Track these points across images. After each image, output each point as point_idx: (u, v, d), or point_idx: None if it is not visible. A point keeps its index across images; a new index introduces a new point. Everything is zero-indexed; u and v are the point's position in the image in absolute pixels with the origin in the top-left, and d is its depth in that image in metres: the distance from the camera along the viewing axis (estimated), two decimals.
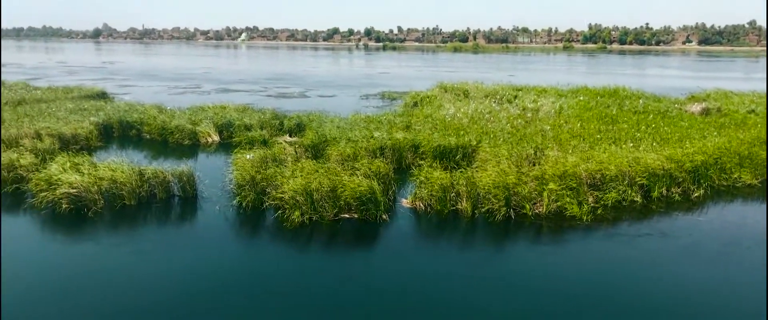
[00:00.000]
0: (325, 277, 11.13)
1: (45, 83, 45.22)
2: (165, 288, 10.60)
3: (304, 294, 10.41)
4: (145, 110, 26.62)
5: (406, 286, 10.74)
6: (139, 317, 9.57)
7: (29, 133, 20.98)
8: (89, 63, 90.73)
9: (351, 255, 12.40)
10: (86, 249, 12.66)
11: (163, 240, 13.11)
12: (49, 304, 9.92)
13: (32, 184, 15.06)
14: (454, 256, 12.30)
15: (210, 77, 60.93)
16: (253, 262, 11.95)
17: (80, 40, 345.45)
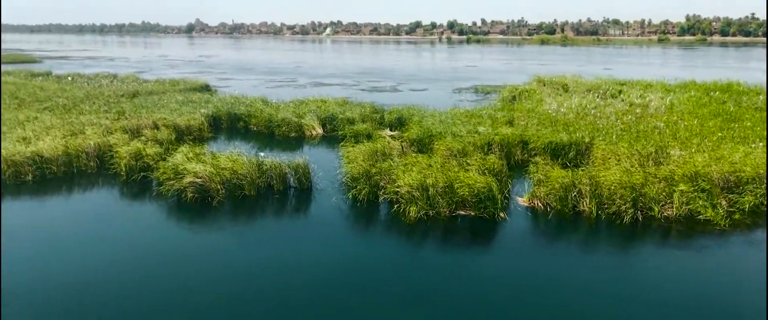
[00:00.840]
0: (441, 275, 10.94)
1: (150, 76, 47.80)
2: (283, 277, 10.81)
3: (419, 291, 10.27)
4: (251, 103, 27.49)
5: (524, 289, 10.34)
6: (258, 304, 9.76)
7: (148, 124, 22.14)
8: (187, 57, 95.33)
9: (468, 254, 12.14)
10: (211, 237, 13.16)
11: (282, 231, 13.39)
12: (177, 286, 10.32)
13: (159, 173, 15.85)
14: (577, 259, 11.78)
15: (302, 71, 62.37)
16: (369, 256, 11.95)
17: (175, 35, 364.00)
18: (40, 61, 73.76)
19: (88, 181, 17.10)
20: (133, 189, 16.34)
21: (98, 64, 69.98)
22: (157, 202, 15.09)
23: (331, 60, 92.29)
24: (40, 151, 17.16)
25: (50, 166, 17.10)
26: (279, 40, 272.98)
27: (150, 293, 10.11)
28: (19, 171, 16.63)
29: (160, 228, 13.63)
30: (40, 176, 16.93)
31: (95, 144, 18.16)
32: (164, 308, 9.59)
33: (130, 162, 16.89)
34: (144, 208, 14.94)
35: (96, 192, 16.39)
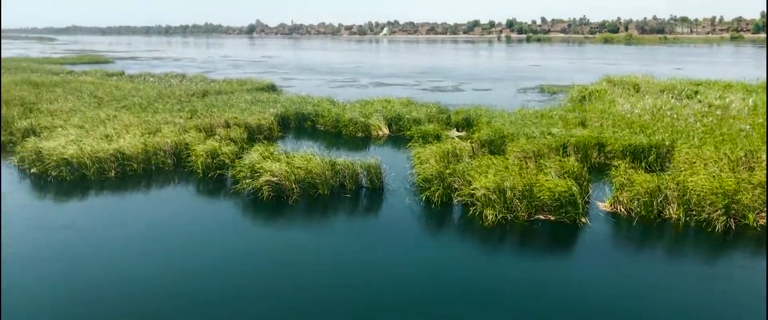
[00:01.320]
0: (521, 280, 10.64)
1: (217, 76, 49.01)
2: (360, 277, 10.77)
3: (497, 296, 10.00)
4: (318, 103, 27.75)
5: (610, 299, 9.88)
6: (335, 303, 9.70)
7: (220, 123, 22.65)
8: (250, 57, 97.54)
9: (548, 260, 11.77)
10: (287, 235, 13.29)
11: (356, 231, 13.37)
12: (255, 282, 10.41)
13: (235, 171, 16.16)
14: (665, 269, 11.20)
15: (362, 71, 62.70)
16: (444, 258, 11.73)
17: (236, 35, 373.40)
18: (112, 61, 77.02)
19: (165, 178, 17.61)
20: (209, 187, 16.71)
21: (165, 64, 72.45)
22: (233, 200, 15.36)
23: (390, 59, 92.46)
24: (121, 148, 17.77)
25: (131, 163, 17.70)
26: (337, 40, 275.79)
27: (230, 288, 10.25)
28: (102, 167, 17.28)
29: (237, 225, 13.86)
30: (121, 172, 17.53)
31: (172, 142, 18.67)
32: (244, 303, 9.69)
33: (206, 161, 17.27)
34: (221, 205, 15.24)
35: (174, 189, 16.86)
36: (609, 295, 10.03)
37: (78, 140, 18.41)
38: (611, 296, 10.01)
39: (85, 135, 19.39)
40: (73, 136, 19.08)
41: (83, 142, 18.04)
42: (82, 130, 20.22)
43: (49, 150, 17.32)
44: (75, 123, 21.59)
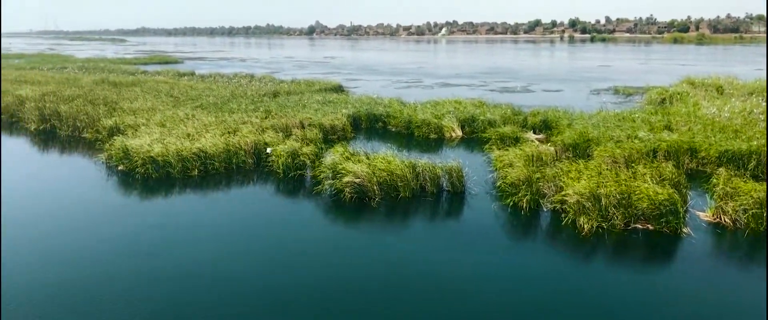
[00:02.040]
0: (619, 292, 10.04)
1: (283, 76, 49.69)
2: (447, 283, 10.42)
3: (594, 308, 9.44)
4: (389, 104, 27.61)
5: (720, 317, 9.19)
6: (419, 309, 9.42)
7: (295, 123, 22.81)
8: (313, 58, 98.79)
9: (649, 272, 11.11)
10: (370, 237, 13.12)
11: (439, 235, 13.02)
12: (339, 283, 10.24)
13: (317, 172, 16.15)
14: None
15: (426, 72, 62.35)
16: (532, 267, 11.23)
17: (297, 36, 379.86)
18: (181, 61, 79.53)
19: (246, 177, 17.80)
20: (289, 187, 16.76)
21: (232, 65, 74.21)
22: (314, 200, 15.34)
23: (452, 60, 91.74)
24: (204, 147, 18.09)
25: (213, 162, 17.98)
26: (395, 40, 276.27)
27: (317, 287, 10.16)
28: (186, 166, 17.62)
29: (320, 225, 13.83)
30: (204, 171, 17.84)
31: (252, 141, 18.87)
32: (328, 304, 9.56)
33: (286, 161, 17.34)
34: (302, 205, 15.23)
35: (255, 188, 17.00)
36: (721, 314, 9.34)
37: (162, 139, 18.87)
38: (723, 314, 9.32)
39: (167, 134, 19.87)
40: (157, 134, 19.58)
41: (167, 141, 18.47)
42: (164, 129, 20.73)
43: (136, 148, 17.81)
44: (157, 122, 22.19)
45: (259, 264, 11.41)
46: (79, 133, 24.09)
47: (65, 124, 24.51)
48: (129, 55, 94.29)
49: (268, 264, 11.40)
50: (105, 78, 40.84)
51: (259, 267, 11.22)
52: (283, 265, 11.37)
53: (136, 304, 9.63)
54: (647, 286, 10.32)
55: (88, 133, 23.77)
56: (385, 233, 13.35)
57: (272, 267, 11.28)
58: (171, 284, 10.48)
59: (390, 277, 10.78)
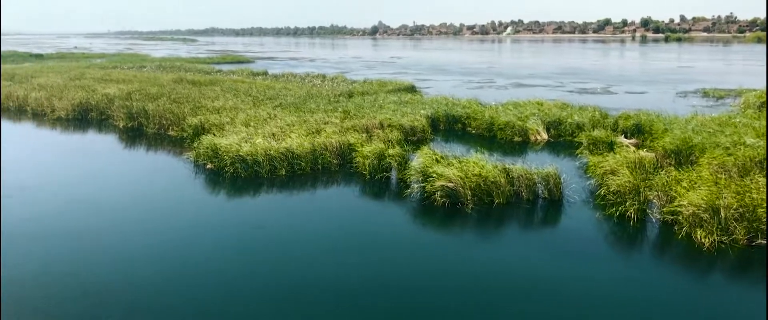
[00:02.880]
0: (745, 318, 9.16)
1: (353, 76, 49.76)
2: (545, 296, 9.78)
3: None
4: (468, 105, 27.00)
5: None
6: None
7: (375, 124, 22.55)
8: (379, 58, 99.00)
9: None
10: (463, 244, 12.64)
11: (539, 245, 12.37)
12: (431, 288, 9.78)
13: (406, 174, 15.81)
14: None
15: (497, 72, 61.20)
16: (643, 283, 10.43)
17: (359, 36, 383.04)
18: (253, 60, 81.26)
19: (332, 178, 17.65)
20: (375, 189, 16.48)
21: (302, 64, 75.21)
22: (402, 203, 14.99)
23: (523, 60, 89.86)
24: (290, 147, 18.07)
25: (299, 162, 17.93)
26: (459, 40, 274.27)
27: (408, 293, 9.76)
28: (273, 165, 17.64)
29: (410, 229, 13.51)
30: (290, 171, 17.81)
31: (336, 142, 18.73)
32: (422, 311, 9.15)
33: (372, 162, 17.08)
34: (391, 208, 14.93)
35: (341, 189, 16.81)
36: None
37: (249, 138, 19.01)
38: None
39: (253, 133, 20.01)
40: (244, 134, 19.74)
41: (254, 141, 18.58)
42: (250, 128, 20.91)
43: (225, 147, 17.98)
44: (241, 121, 22.44)
45: (349, 267, 11.17)
46: (165, 131, 24.70)
47: (152, 122, 25.18)
48: (202, 55, 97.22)
49: (359, 268, 11.14)
50: (183, 77, 41.98)
51: (350, 271, 10.97)
52: (375, 269, 11.09)
53: (228, 300, 9.53)
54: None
55: (173, 130, 24.34)
56: (481, 240, 12.87)
57: (363, 270, 11.01)
58: (261, 282, 10.44)
59: (487, 286, 10.31)
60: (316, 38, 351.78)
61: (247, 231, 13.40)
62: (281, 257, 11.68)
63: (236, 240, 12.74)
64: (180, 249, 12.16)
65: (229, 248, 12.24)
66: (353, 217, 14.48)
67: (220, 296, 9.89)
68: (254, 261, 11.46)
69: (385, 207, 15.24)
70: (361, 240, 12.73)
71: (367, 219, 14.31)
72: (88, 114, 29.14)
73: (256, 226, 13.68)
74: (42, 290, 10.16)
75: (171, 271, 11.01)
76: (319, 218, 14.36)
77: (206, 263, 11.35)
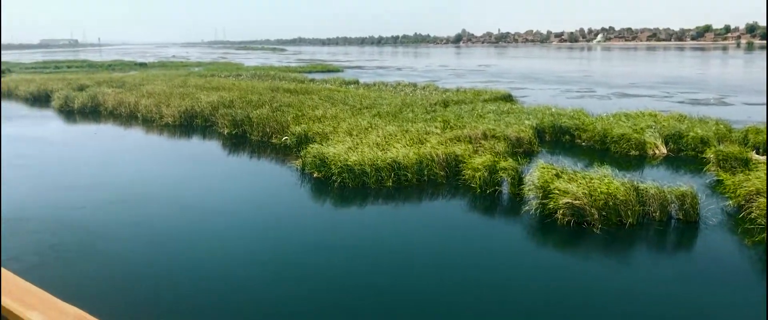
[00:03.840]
0: None
1: (444, 85, 49.06)
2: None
3: None
4: (576, 115, 25.70)
5: None
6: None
7: (478, 134, 21.78)
8: (467, 66, 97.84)
9: None
10: (589, 267, 11.72)
11: (677, 273, 11.21)
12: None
13: (523, 189, 15.01)
14: None
15: (594, 80, 58.66)
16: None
17: (443, 45, 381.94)
18: (341, 69, 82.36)
19: (438, 191, 17.08)
20: (486, 203, 15.75)
21: (390, 73, 75.37)
22: (518, 220, 14.17)
23: (620, 68, 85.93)
24: (396, 158, 17.67)
25: (405, 173, 17.48)
26: (546, 48, 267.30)
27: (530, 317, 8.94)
28: (380, 176, 17.28)
29: (530, 249, 12.76)
30: (396, 182, 17.38)
31: (443, 153, 18.15)
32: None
33: (483, 175, 16.35)
34: (505, 225, 14.22)
35: (449, 202, 16.21)
36: None
37: (355, 147, 18.80)
38: None
39: (359, 142, 19.79)
40: (350, 143, 19.56)
41: (360, 150, 18.34)
42: (354, 138, 20.73)
43: (332, 156, 17.83)
44: (344, 130, 22.34)
45: (463, 286, 10.54)
46: (268, 139, 25.04)
47: (256, 129, 25.63)
48: (292, 64, 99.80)
49: (475, 287, 10.50)
50: (279, 85, 42.87)
51: (464, 290, 10.34)
52: (492, 290, 10.44)
53: (334, 307, 9.14)
54: None
55: (276, 138, 24.63)
56: (615, 264, 11.86)
57: (481, 291, 10.37)
58: (371, 294, 10.05)
59: (622, 315, 9.33)
60: (399, 47, 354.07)
61: (355, 240, 13.17)
62: (391, 270, 11.26)
63: (345, 249, 12.49)
64: (292, 255, 12.10)
65: (338, 256, 12.02)
66: (464, 233, 13.80)
67: (326, 302, 9.55)
68: (363, 273, 11.16)
69: (498, 224, 14.53)
70: (476, 258, 12.06)
71: (480, 236, 13.62)
72: (193, 120, 30.17)
73: (364, 236, 13.39)
74: (159, 292, 10.20)
75: (285, 276, 10.92)
76: (428, 232, 13.85)
77: (316, 269, 11.14)
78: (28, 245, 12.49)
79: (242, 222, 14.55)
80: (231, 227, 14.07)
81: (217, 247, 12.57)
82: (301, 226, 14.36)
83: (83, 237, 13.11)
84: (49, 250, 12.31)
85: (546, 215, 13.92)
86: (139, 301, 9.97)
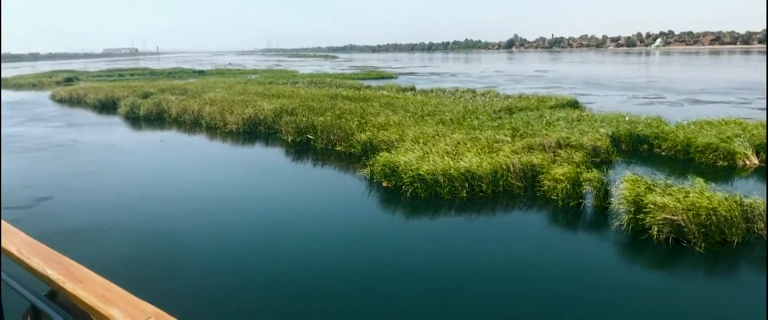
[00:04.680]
0: None
1: (502, 90, 47.91)
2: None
3: None
4: (654, 123, 24.40)
5: None
6: None
7: (551, 143, 20.86)
8: (523, 71, 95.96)
9: None
10: (689, 287, 10.78)
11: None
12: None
13: (606, 202, 14.11)
14: None
15: (661, 86, 56.28)
16: None
17: (495, 50, 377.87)
18: (395, 76, 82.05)
19: (515, 202, 16.29)
20: (568, 217, 14.88)
21: (444, 79, 74.59)
22: (604, 235, 13.29)
23: (686, 73, 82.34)
24: (470, 167, 17.01)
25: (480, 184, 16.80)
26: (601, 53, 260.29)
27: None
28: (453, 186, 16.65)
29: (623, 268, 11.84)
30: (470, 193, 16.71)
31: (519, 163, 17.37)
32: None
33: (565, 186, 15.49)
34: (593, 241, 13.31)
35: (528, 215, 15.38)
36: None
37: (426, 156, 18.24)
38: None
39: (428, 151, 19.23)
40: (419, 151, 19.03)
41: (431, 159, 17.76)
42: (423, 146, 20.19)
43: (404, 165, 17.33)
44: (410, 137, 21.82)
45: (556, 306, 9.77)
46: (332, 146, 24.77)
47: (320, 137, 25.41)
48: (345, 70, 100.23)
49: (570, 309, 9.71)
50: (338, 92, 42.75)
51: (557, 312, 9.58)
52: (590, 312, 9.63)
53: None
54: None
55: (341, 146, 24.33)
56: (725, 288, 10.88)
57: (575, 313, 9.57)
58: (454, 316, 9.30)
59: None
60: (450, 53, 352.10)
61: (430, 255, 12.57)
62: (472, 287, 10.62)
63: (421, 264, 11.94)
64: (365, 268, 11.70)
65: (414, 272, 11.47)
66: (549, 249, 12.98)
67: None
68: (443, 290, 10.58)
69: (585, 240, 13.64)
70: (564, 277, 11.22)
71: (567, 252, 12.77)
72: (256, 128, 30.27)
73: (439, 250, 12.79)
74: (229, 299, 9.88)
75: (361, 289, 10.52)
76: (508, 246, 13.11)
77: (393, 284, 10.68)
78: (119, 253, 12.49)
79: (315, 232, 14.21)
80: (305, 236, 13.77)
81: (294, 258, 12.29)
82: (373, 238, 13.89)
83: (167, 245, 13.05)
84: (137, 260, 12.26)
85: (639, 231, 13.00)
86: (221, 307, 9.75)
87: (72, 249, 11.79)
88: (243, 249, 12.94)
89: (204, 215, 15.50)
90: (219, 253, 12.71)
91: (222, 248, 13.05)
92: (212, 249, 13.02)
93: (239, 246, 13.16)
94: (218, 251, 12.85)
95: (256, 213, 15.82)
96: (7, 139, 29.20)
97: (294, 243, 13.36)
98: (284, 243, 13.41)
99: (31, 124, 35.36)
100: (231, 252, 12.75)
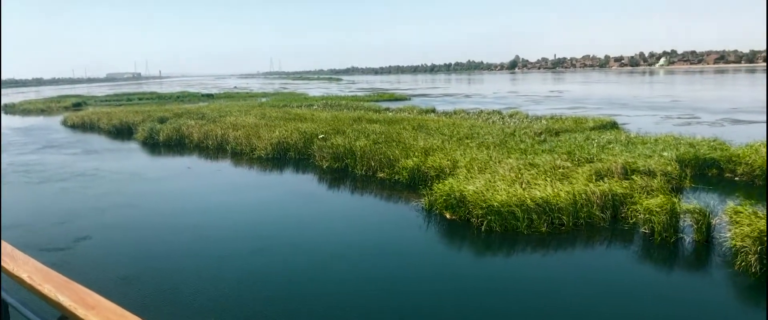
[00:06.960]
0: None
1: (525, 111, 46.43)
2: None
3: None
4: (719, 146, 22.89)
5: None
6: None
7: (617, 169, 19.31)
8: (539, 92, 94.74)
9: None
10: None
11: None
12: None
13: (733, 240, 12.54)
14: None
15: (688, 105, 54.90)
16: None
17: (497, 71, 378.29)
18: (408, 97, 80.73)
19: (601, 237, 14.70)
20: (664, 253, 13.29)
21: (459, 101, 73.32)
22: (722, 277, 11.71)
23: (708, 92, 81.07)
24: (547, 197, 15.42)
25: (559, 216, 15.20)
26: (605, 72, 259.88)
27: None
28: (530, 218, 15.03)
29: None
30: (550, 226, 15.09)
31: (601, 192, 15.79)
32: None
33: (661, 218, 13.90)
34: (704, 285, 11.76)
35: (621, 252, 13.75)
36: None
37: (493, 185, 16.68)
38: None
39: (490, 179, 17.67)
40: (481, 179, 17.47)
41: (503, 188, 16.19)
42: (475, 172, 18.66)
43: (472, 195, 15.75)
44: (464, 164, 20.28)
45: None
46: (374, 173, 23.23)
47: (360, 163, 23.88)
48: (355, 92, 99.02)
49: None
50: (362, 116, 41.31)
51: None
52: None
53: None
54: None
55: (383, 172, 22.79)
56: None
57: None
58: None
59: None
60: (452, 74, 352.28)
61: (510, 297, 11.14)
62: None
63: (500, 310, 10.55)
64: (431, 307, 10.00)
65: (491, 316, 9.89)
66: (666, 299, 11.34)
67: None
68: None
69: (697, 283, 12.07)
70: None
71: (681, 301, 11.14)
72: (286, 153, 28.76)
73: (521, 293, 11.22)
74: None
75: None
76: (609, 290, 11.54)
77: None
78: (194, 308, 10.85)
79: (374, 271, 12.69)
80: (360, 274, 12.37)
81: (346, 301, 10.76)
82: (441, 277, 12.34)
83: (245, 294, 11.40)
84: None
85: (762, 271, 11.40)
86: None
87: (135, 304, 10.19)
88: (300, 293, 11.32)
89: (259, 253, 13.89)
90: (281, 293, 11.07)
91: (283, 288, 11.44)
92: (274, 290, 11.38)
93: (294, 285, 11.64)
94: (279, 291, 11.22)
95: (312, 250, 14.17)
96: (26, 167, 27.69)
97: (355, 286, 11.80)
98: (346, 282, 11.89)
99: (47, 152, 33.87)
100: (286, 299, 11.10)
